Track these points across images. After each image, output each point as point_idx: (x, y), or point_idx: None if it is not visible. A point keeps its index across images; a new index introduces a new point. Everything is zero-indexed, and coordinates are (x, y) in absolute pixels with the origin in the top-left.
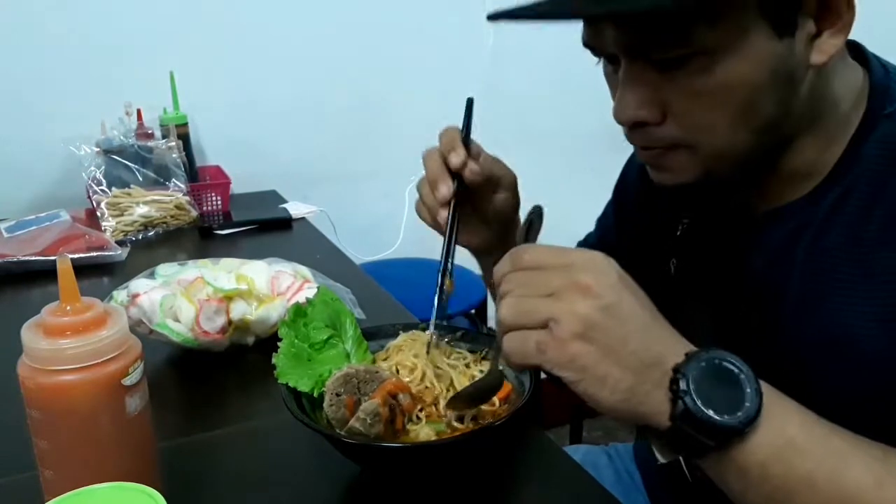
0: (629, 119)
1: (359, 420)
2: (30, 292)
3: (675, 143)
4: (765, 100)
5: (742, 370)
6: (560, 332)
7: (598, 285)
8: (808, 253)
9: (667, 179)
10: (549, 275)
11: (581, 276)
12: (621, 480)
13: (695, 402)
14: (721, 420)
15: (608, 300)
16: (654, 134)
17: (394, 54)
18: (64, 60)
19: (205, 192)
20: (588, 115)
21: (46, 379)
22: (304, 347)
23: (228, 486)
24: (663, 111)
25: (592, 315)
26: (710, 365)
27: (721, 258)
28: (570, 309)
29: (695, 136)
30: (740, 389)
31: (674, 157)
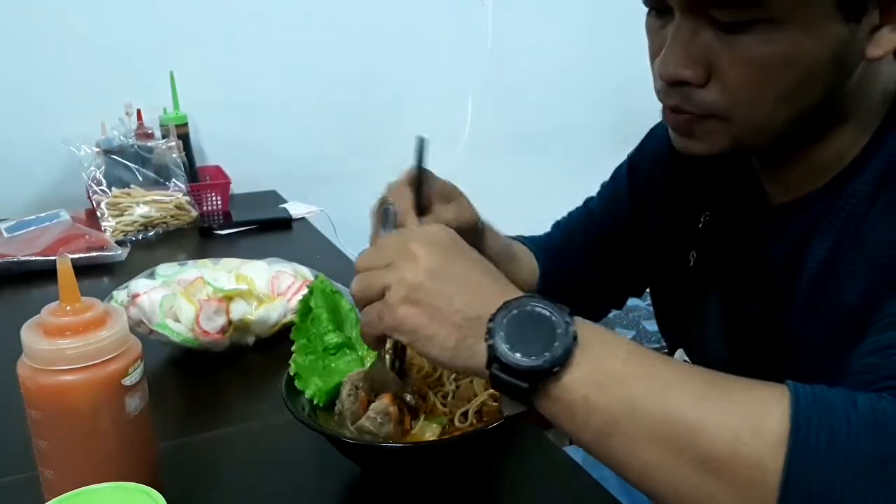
0: (672, 76)
1: (369, 419)
2: (30, 292)
3: (711, 111)
4: (817, 82)
5: (555, 313)
6: (390, 298)
7: (423, 251)
8: (821, 242)
9: (693, 147)
10: (388, 249)
11: (411, 246)
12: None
13: (502, 347)
14: (527, 362)
15: (432, 263)
16: (692, 96)
17: (394, 54)
18: (64, 60)
19: (205, 192)
20: (588, 114)
21: (46, 379)
22: (318, 356)
23: (228, 486)
24: (709, 74)
25: (418, 279)
26: (521, 312)
27: (740, 250)
28: (399, 276)
29: (734, 107)
30: (551, 332)
31: (705, 125)
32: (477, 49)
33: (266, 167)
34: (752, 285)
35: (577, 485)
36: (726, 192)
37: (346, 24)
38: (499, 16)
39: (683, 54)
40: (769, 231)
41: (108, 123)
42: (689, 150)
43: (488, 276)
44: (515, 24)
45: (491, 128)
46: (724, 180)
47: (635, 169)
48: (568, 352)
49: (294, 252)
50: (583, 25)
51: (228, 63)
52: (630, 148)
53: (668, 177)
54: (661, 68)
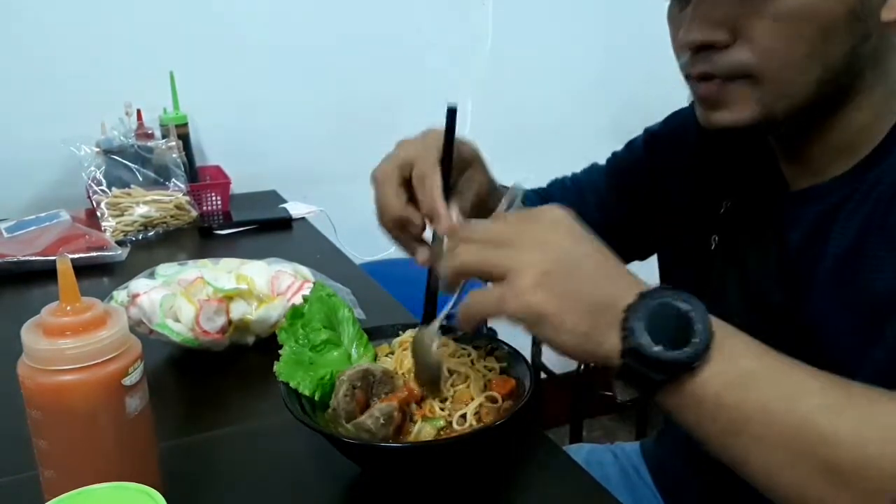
0: (698, 40)
1: (372, 417)
2: (30, 292)
3: (740, 70)
4: (838, 38)
5: (692, 307)
6: (520, 283)
7: (552, 237)
8: (844, 228)
9: (721, 118)
10: (507, 227)
11: (535, 228)
12: (628, 477)
13: (643, 339)
14: (669, 355)
15: (562, 249)
16: (719, 59)
17: (394, 54)
18: (64, 60)
19: (205, 192)
20: (588, 114)
21: (46, 379)
22: (304, 351)
23: (228, 486)
24: (734, 35)
25: (548, 265)
26: (660, 304)
27: (761, 235)
28: (528, 260)
29: (762, 64)
30: (690, 326)
31: (734, 89)
32: (477, 49)
33: (266, 167)
34: (773, 271)
35: (578, 485)
36: (747, 180)
37: (346, 24)
38: (499, 16)
39: (707, 18)
40: (790, 217)
41: (108, 123)
42: (716, 122)
43: (612, 262)
44: (515, 24)
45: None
46: (746, 167)
47: (654, 142)
48: (707, 347)
49: (294, 252)
50: (583, 25)
51: (228, 63)
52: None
53: (691, 161)
54: (685, 37)
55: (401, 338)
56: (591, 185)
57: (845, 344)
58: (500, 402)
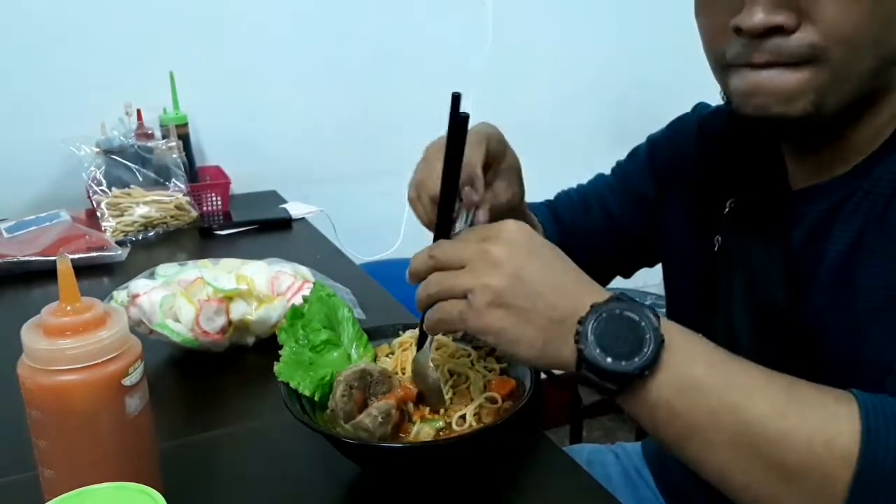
0: (764, 23)
1: (370, 417)
2: (30, 292)
3: (809, 54)
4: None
5: (642, 317)
6: (476, 303)
7: (507, 255)
8: (845, 227)
9: (772, 109)
10: (466, 247)
11: (492, 248)
12: (629, 478)
13: (592, 352)
14: (617, 367)
15: (515, 267)
16: (786, 44)
17: (394, 54)
18: (64, 60)
19: (205, 193)
20: (587, 114)
21: (46, 379)
22: (304, 352)
23: (228, 486)
24: (800, 16)
25: (501, 283)
26: (610, 315)
27: (764, 234)
28: (483, 281)
29: (832, 46)
30: (640, 336)
31: (795, 76)
32: (477, 49)
33: (266, 167)
34: (777, 270)
35: (578, 485)
36: (751, 179)
37: (346, 24)
38: (499, 16)
39: (772, 2)
40: (793, 215)
41: (108, 123)
42: (765, 109)
43: (569, 273)
44: (515, 23)
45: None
46: (749, 167)
47: (656, 150)
48: (656, 356)
49: (294, 252)
50: (582, 25)
51: (228, 63)
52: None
53: (694, 164)
54: (747, 20)
55: (401, 338)
56: (596, 194)
57: (843, 345)
58: (499, 403)
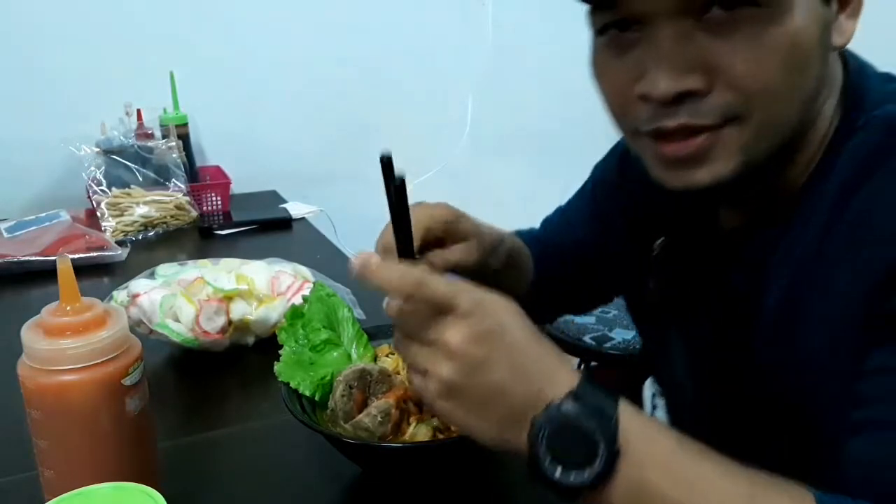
0: (673, 89)
1: (369, 416)
2: (30, 292)
3: (728, 113)
4: (813, 65)
5: (598, 427)
6: (428, 391)
7: (462, 347)
8: (782, 267)
9: (699, 178)
10: (426, 324)
11: (449, 336)
12: None
13: (543, 461)
14: (566, 480)
15: (470, 361)
16: (702, 106)
17: (394, 54)
18: (64, 60)
19: (205, 192)
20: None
21: (46, 379)
22: (304, 352)
23: (228, 486)
24: (711, 77)
25: (453, 378)
26: (564, 423)
27: (696, 278)
28: (436, 372)
29: (751, 101)
30: (593, 447)
31: (720, 138)
32: (477, 49)
33: (266, 167)
34: (711, 315)
35: None
36: (680, 217)
37: (346, 24)
38: (499, 15)
39: (680, 62)
40: (724, 258)
41: (108, 123)
42: (695, 182)
43: (530, 362)
44: (515, 23)
45: (491, 128)
46: (678, 204)
47: (594, 178)
48: (609, 467)
49: (294, 252)
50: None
51: (228, 63)
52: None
53: (627, 197)
54: (656, 87)
55: None
56: (575, 207)
57: (790, 393)
58: None
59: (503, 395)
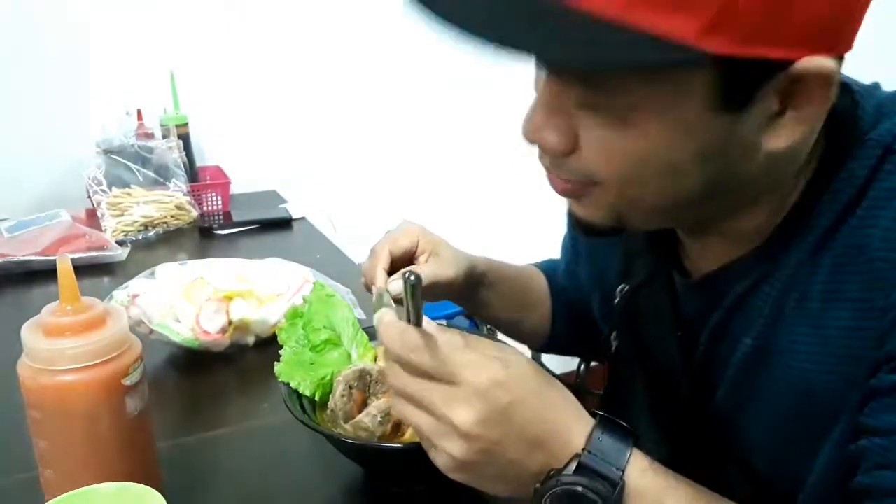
0: (534, 140)
1: (369, 416)
2: (30, 292)
3: (583, 179)
4: (686, 173)
5: (600, 497)
6: (439, 462)
7: (475, 431)
8: (755, 319)
9: (580, 212)
10: (431, 394)
11: (457, 416)
12: None
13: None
14: None
15: (484, 443)
16: (561, 163)
17: (394, 54)
18: (64, 60)
19: (205, 192)
20: None
21: (46, 379)
22: (304, 352)
23: (228, 486)
24: (572, 145)
25: (466, 458)
26: (566, 493)
27: (658, 328)
28: (448, 450)
29: (602, 178)
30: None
31: (584, 191)
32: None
33: (266, 167)
34: (675, 368)
35: None
36: (643, 264)
37: (346, 24)
38: None
39: (546, 119)
40: (690, 307)
41: (108, 123)
42: (579, 215)
43: (541, 428)
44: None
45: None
46: (642, 250)
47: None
48: None
49: (294, 252)
50: None
51: (228, 63)
52: None
53: (587, 246)
54: (523, 130)
55: None
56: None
57: (762, 445)
58: None
59: (518, 468)
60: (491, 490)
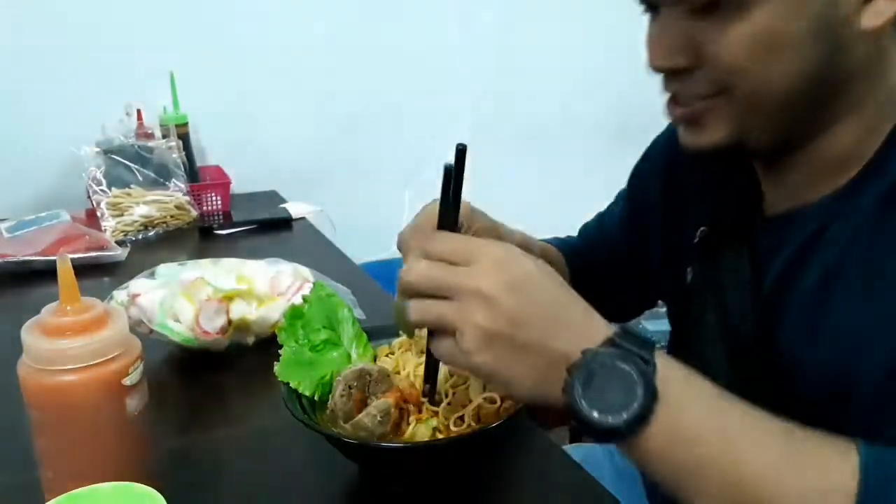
0: (662, 66)
1: (369, 416)
2: (30, 292)
3: (712, 88)
4: (801, 52)
5: (636, 369)
6: (464, 345)
7: (498, 293)
8: (825, 258)
9: (700, 140)
10: (452, 275)
11: (482, 282)
12: (623, 478)
13: (580, 405)
14: (604, 422)
15: (508, 308)
16: (689, 80)
17: (394, 54)
18: (64, 60)
19: (205, 192)
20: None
21: (46, 379)
22: (304, 351)
23: (228, 486)
24: (698, 57)
25: (493, 327)
26: (601, 365)
27: (736, 264)
28: (472, 322)
29: (731, 78)
30: (631, 390)
31: (707, 108)
32: (478, 48)
33: (266, 167)
34: (748, 303)
35: (577, 484)
36: (724, 205)
37: (346, 24)
38: (500, 15)
39: (669, 43)
40: (767, 243)
41: (108, 123)
42: (697, 144)
43: (565, 307)
44: (517, 24)
45: (493, 128)
46: (721, 191)
47: (635, 179)
48: (646, 410)
49: (294, 252)
50: (584, 25)
51: (228, 63)
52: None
53: (665, 188)
54: (651, 61)
55: (401, 338)
56: (610, 212)
57: (825, 380)
58: (499, 403)
59: (542, 342)
60: (518, 382)
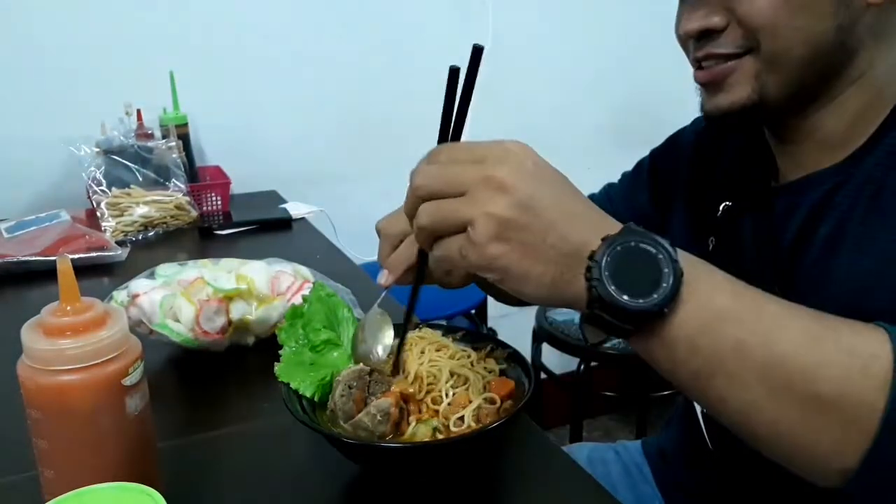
0: (697, 28)
1: (368, 415)
2: (30, 292)
3: (739, 46)
4: (823, 14)
5: (660, 249)
6: (477, 236)
7: (512, 179)
8: (833, 216)
9: (722, 102)
10: (463, 170)
11: (495, 171)
12: (630, 474)
13: (607, 289)
14: (635, 304)
15: (523, 194)
16: (719, 41)
17: (394, 54)
18: (64, 60)
19: (205, 192)
20: (589, 114)
21: (46, 379)
22: (304, 352)
23: (228, 486)
24: (727, 19)
25: (507, 213)
26: (625, 248)
27: (755, 232)
28: (485, 210)
29: (756, 34)
30: (657, 270)
31: (732, 66)
32: None
33: (266, 167)
34: (767, 267)
35: (577, 485)
36: (743, 179)
37: (345, 24)
38: (499, 16)
39: (702, 6)
40: (781, 209)
41: (108, 123)
42: (717, 106)
43: (579, 202)
44: (515, 24)
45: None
46: (741, 167)
47: (657, 162)
48: (675, 291)
49: (294, 252)
50: (583, 25)
51: (228, 63)
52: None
53: (690, 172)
54: (685, 25)
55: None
56: (606, 202)
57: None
58: (499, 404)
59: (559, 230)
60: (534, 277)
